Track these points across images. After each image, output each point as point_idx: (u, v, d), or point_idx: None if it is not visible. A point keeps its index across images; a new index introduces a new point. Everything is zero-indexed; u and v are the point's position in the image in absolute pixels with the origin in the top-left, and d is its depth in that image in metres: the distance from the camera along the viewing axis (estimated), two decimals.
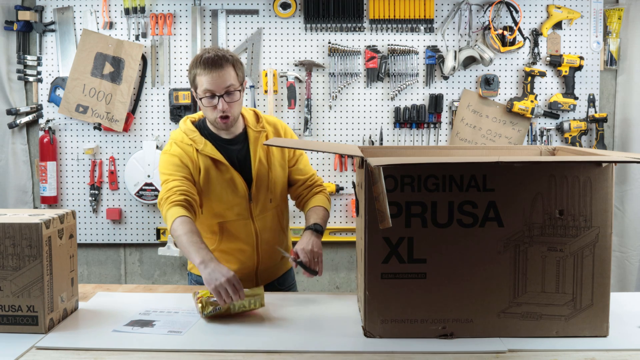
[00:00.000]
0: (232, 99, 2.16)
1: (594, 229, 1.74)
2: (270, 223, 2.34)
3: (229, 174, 2.24)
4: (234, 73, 2.16)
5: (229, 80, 2.14)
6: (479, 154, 2.27)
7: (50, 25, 3.54)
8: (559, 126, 3.59)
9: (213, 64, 2.13)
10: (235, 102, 2.18)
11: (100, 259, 3.72)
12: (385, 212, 1.57)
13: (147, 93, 3.59)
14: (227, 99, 2.15)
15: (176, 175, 2.19)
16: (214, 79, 2.12)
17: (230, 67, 2.15)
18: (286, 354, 1.68)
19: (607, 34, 3.62)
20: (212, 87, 2.13)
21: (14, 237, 1.76)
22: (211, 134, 2.28)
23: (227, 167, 2.24)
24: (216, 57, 2.14)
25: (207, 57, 2.14)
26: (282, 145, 2.13)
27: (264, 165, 2.29)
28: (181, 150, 2.23)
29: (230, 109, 2.16)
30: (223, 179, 2.25)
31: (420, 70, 3.58)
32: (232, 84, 2.15)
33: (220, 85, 2.13)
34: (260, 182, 2.28)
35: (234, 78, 2.16)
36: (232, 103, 2.16)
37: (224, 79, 2.13)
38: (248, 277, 2.34)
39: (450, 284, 1.75)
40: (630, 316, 1.92)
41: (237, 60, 2.19)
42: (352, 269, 3.73)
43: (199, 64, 2.15)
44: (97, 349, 1.71)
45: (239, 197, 2.26)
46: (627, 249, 3.67)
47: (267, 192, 2.30)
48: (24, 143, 3.63)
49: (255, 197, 2.28)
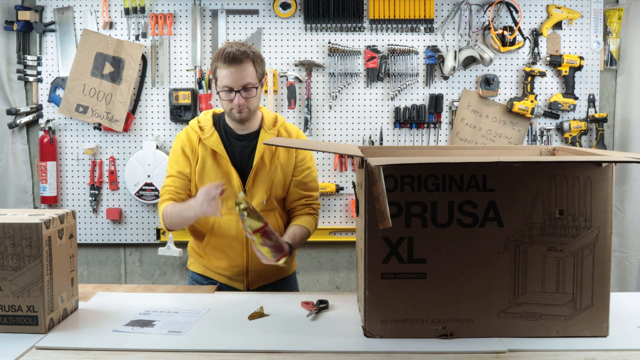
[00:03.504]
0: (249, 95, 2.22)
1: (594, 229, 1.74)
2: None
3: (226, 167, 2.29)
4: (253, 70, 2.22)
5: (247, 77, 2.20)
6: (479, 154, 2.27)
7: (50, 25, 3.54)
8: (559, 126, 3.60)
9: (233, 60, 2.18)
10: (252, 98, 2.24)
11: (100, 259, 3.72)
12: (385, 212, 1.57)
13: (147, 93, 3.59)
14: (243, 95, 2.21)
15: (173, 169, 2.34)
16: (233, 75, 2.18)
17: (250, 63, 2.21)
18: (286, 354, 1.68)
19: (607, 34, 3.62)
20: (229, 83, 2.19)
21: (14, 237, 1.76)
22: (225, 126, 2.35)
23: (225, 160, 2.29)
24: (237, 52, 2.19)
25: (229, 51, 2.19)
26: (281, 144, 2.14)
27: (265, 166, 2.31)
28: (185, 138, 2.33)
29: (246, 103, 2.23)
30: (219, 170, 2.30)
31: (420, 70, 3.58)
32: (250, 82, 2.21)
33: (237, 82, 2.19)
34: (257, 181, 2.30)
35: (252, 75, 2.22)
36: (250, 99, 2.23)
37: (242, 74, 2.19)
38: (238, 276, 2.35)
39: (450, 284, 1.75)
40: (630, 316, 1.92)
41: (258, 57, 2.25)
42: (352, 269, 3.73)
43: (220, 57, 2.21)
44: (97, 349, 1.71)
45: (232, 190, 2.28)
46: (627, 249, 3.67)
47: (263, 192, 2.31)
48: (24, 143, 3.63)
49: (249, 193, 2.31)
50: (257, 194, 2.31)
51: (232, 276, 2.37)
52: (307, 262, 3.70)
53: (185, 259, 3.68)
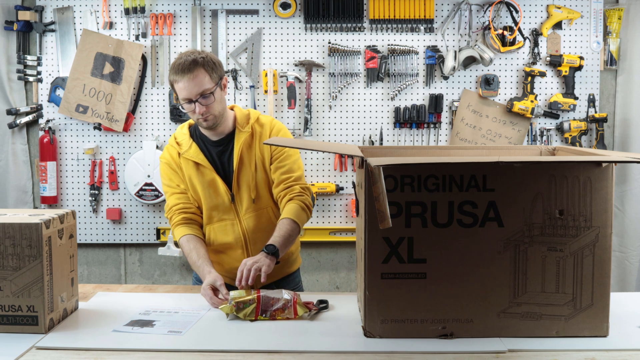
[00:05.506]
0: (208, 101, 2.19)
1: (594, 229, 1.74)
2: (260, 223, 2.34)
3: (211, 175, 2.30)
4: (205, 75, 2.17)
5: (202, 84, 2.16)
6: (479, 154, 2.27)
7: (50, 25, 3.54)
8: (559, 126, 3.59)
9: (183, 70, 2.16)
10: (213, 104, 2.20)
11: (100, 259, 3.72)
12: (385, 212, 1.57)
13: (147, 93, 3.59)
14: (202, 102, 2.18)
15: (172, 187, 2.35)
16: (187, 86, 2.16)
17: (201, 69, 2.16)
18: (286, 354, 1.68)
19: (607, 34, 3.62)
20: (186, 94, 2.17)
21: (14, 237, 1.76)
22: (201, 135, 2.34)
23: (208, 169, 2.30)
24: (186, 62, 2.16)
25: (179, 63, 2.18)
26: (281, 144, 2.14)
27: (245, 165, 2.30)
28: (168, 156, 2.35)
29: (208, 110, 2.19)
30: (205, 180, 2.31)
31: (420, 70, 3.58)
32: (206, 88, 2.17)
33: (192, 91, 2.16)
34: (241, 182, 2.31)
35: (207, 81, 2.17)
36: (210, 105, 2.19)
37: (195, 82, 2.16)
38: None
39: (450, 284, 1.75)
40: (630, 316, 1.92)
41: (208, 61, 2.20)
42: (352, 269, 3.73)
43: (172, 69, 2.20)
44: (97, 349, 1.71)
45: (220, 197, 2.31)
46: (627, 249, 3.67)
47: (249, 191, 2.31)
48: (24, 143, 3.63)
49: (237, 197, 2.31)
50: (244, 196, 2.31)
51: (234, 278, 2.37)
52: (307, 262, 3.70)
53: (185, 259, 3.67)
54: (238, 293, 1.96)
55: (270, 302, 1.93)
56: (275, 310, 1.92)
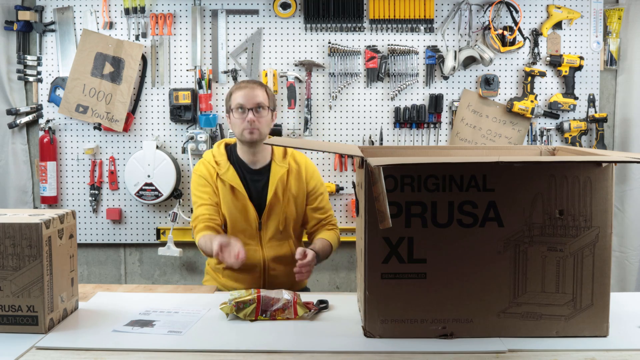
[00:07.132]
0: (261, 114, 2.39)
1: (594, 229, 1.74)
2: (281, 253, 2.46)
3: (244, 201, 2.42)
4: (264, 94, 2.43)
5: (260, 97, 2.40)
6: (479, 154, 2.27)
7: (50, 25, 3.54)
8: (559, 126, 3.59)
9: (247, 83, 2.44)
10: (263, 119, 2.40)
11: (100, 259, 3.72)
12: (385, 212, 1.57)
13: (147, 93, 3.59)
14: (255, 114, 2.37)
15: (204, 198, 2.45)
16: (246, 94, 2.40)
17: (262, 88, 2.44)
18: (286, 354, 1.68)
19: (607, 34, 3.62)
20: (242, 101, 2.39)
21: (14, 237, 1.76)
22: (238, 160, 2.47)
23: (242, 195, 2.42)
24: (250, 81, 2.52)
25: (243, 80, 2.48)
26: (281, 144, 2.17)
27: (278, 199, 2.43)
28: (205, 171, 2.46)
29: (258, 123, 2.37)
30: (237, 204, 2.42)
31: (420, 70, 3.58)
32: (262, 102, 2.40)
33: (250, 100, 2.38)
34: (272, 213, 2.44)
35: (264, 98, 2.42)
36: (261, 119, 2.39)
37: (255, 94, 2.40)
38: None
39: (450, 283, 1.75)
40: (630, 316, 1.93)
41: (269, 88, 2.51)
42: (352, 269, 3.73)
43: (235, 85, 2.46)
44: (97, 349, 1.71)
45: (248, 224, 2.43)
46: (627, 249, 3.67)
47: (277, 223, 2.44)
48: (24, 143, 3.63)
49: (264, 226, 2.44)
50: (271, 226, 2.44)
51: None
52: None
53: (185, 259, 3.68)
54: (238, 293, 1.96)
55: (270, 302, 1.93)
56: (275, 310, 1.92)
